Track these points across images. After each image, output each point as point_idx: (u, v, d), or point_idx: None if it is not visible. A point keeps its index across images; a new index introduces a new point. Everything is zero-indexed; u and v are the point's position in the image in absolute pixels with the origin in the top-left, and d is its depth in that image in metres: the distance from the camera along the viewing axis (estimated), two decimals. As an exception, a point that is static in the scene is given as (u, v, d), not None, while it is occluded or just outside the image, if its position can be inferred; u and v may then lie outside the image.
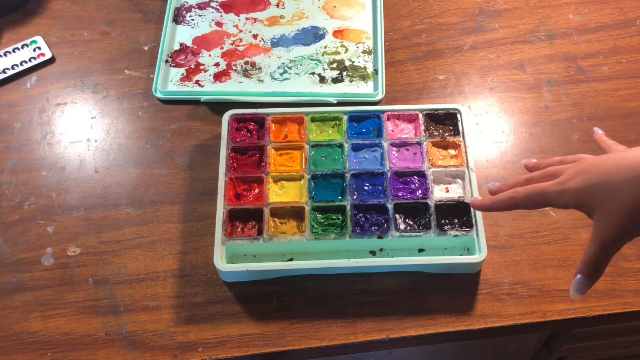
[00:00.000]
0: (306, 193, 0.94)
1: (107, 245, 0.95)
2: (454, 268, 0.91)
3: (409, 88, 1.08)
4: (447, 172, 0.96)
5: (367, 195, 0.94)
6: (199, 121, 1.05)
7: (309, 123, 1.00)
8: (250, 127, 1.00)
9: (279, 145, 0.98)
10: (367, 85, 1.08)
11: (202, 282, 0.92)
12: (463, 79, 1.09)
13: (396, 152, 0.98)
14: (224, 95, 1.06)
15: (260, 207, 0.93)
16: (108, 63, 1.11)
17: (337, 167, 0.96)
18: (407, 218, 0.93)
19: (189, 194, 0.99)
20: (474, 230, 0.91)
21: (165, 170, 1.01)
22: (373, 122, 1.01)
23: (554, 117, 1.05)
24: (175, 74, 1.09)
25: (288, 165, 0.97)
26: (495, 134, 1.04)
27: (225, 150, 0.97)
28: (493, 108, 1.07)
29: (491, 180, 0.99)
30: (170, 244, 0.95)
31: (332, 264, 0.89)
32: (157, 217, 0.97)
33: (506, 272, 0.93)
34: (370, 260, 0.91)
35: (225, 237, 0.90)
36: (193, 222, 0.96)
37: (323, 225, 0.92)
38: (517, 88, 1.09)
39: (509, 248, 0.94)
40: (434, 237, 0.91)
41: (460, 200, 0.93)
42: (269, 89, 1.07)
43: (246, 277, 0.91)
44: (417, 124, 1.00)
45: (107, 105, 1.07)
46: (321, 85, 1.07)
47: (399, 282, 0.92)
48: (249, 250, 0.92)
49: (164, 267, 0.93)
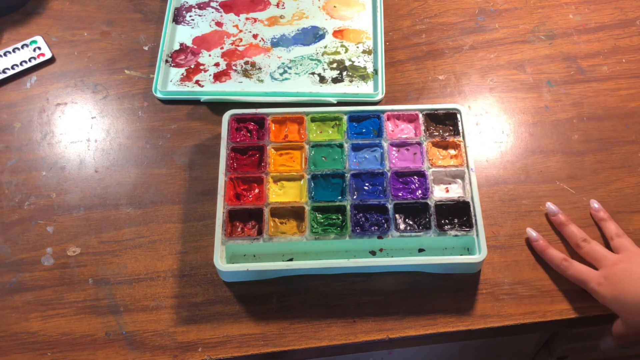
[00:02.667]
0: (306, 193, 0.94)
1: (107, 245, 0.95)
2: (454, 268, 0.91)
3: (409, 88, 1.08)
4: (447, 172, 0.96)
5: (367, 195, 0.94)
6: (198, 121, 1.05)
7: (309, 123, 1.00)
8: (250, 127, 1.00)
9: (279, 145, 0.98)
10: (367, 85, 1.08)
11: (202, 282, 0.92)
12: (463, 78, 1.09)
13: (396, 152, 0.98)
14: (224, 95, 1.06)
15: (260, 207, 0.93)
16: (108, 63, 1.11)
17: (337, 167, 0.96)
18: (407, 218, 0.93)
19: (189, 194, 0.99)
20: (474, 230, 0.91)
21: (165, 170, 1.01)
22: (373, 122, 1.01)
23: (554, 117, 1.05)
24: (175, 74, 1.09)
25: (288, 165, 0.97)
26: (496, 134, 1.04)
27: (225, 150, 0.97)
28: (493, 108, 1.07)
29: (492, 180, 0.99)
30: (170, 244, 0.95)
31: (332, 264, 0.89)
32: (157, 217, 0.97)
33: (506, 272, 0.93)
34: (370, 260, 0.90)
35: (225, 237, 0.90)
36: (193, 222, 0.96)
37: (323, 225, 0.92)
38: (517, 88, 1.09)
39: (509, 248, 0.94)
40: (434, 237, 0.91)
41: (460, 200, 0.93)
42: (269, 89, 1.07)
43: (246, 277, 0.91)
44: (417, 124, 1.00)
45: (107, 105, 1.07)
46: (321, 85, 1.07)
47: (399, 282, 0.92)
48: (248, 250, 0.92)
49: (164, 267, 0.93)
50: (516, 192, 0.99)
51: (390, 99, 1.07)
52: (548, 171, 1.01)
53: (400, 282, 0.92)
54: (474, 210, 0.92)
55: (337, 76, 1.09)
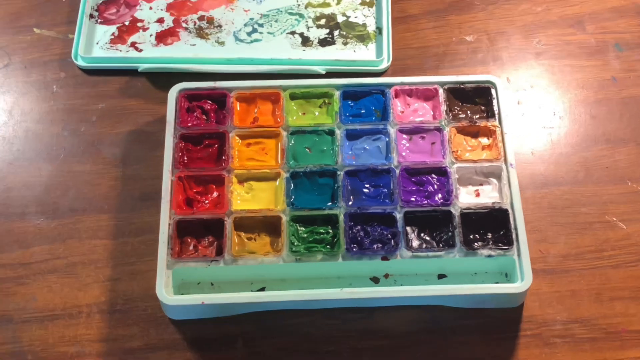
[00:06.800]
0: (283, 198, 0.94)
1: (9, 269, 0.95)
2: (486, 301, 0.91)
3: (425, 53, 1.09)
4: (478, 169, 0.96)
5: (368, 200, 0.94)
6: (135, 99, 1.06)
7: (288, 101, 1.00)
8: (206, 106, 1.00)
9: (246, 132, 0.98)
10: (368, 49, 1.08)
11: (141, 321, 0.92)
12: (499, 40, 1.10)
13: (407, 142, 0.98)
14: (170, 64, 1.06)
15: (220, 217, 0.93)
16: (10, 18, 1.11)
17: (326, 162, 0.96)
18: (422, 232, 0.93)
19: (123, 198, 0.99)
20: (515, 249, 0.91)
21: (89, 166, 1.01)
22: (376, 99, 1.01)
23: (624, 93, 1.06)
24: (103, 34, 1.09)
25: (259, 160, 0.97)
26: (544, 116, 1.05)
27: (172, 139, 0.97)
28: (541, 80, 1.07)
29: (539, 180, 1.00)
30: (96, 267, 0.95)
31: (320, 296, 0.89)
32: (79, 230, 0.97)
33: (559, 306, 0.93)
34: (371, 290, 0.91)
35: (172, 259, 0.90)
36: (128, 237, 0.96)
37: (307, 242, 0.92)
38: (573, 53, 1.09)
39: (562, 273, 0.95)
40: (459, 258, 0.91)
41: (496, 207, 0.93)
42: (232, 55, 1.07)
43: (201, 314, 0.91)
44: (437, 102, 1.00)
45: (9, 76, 1.07)
46: (304, 49, 1.08)
47: (412, 321, 0.92)
48: (204, 277, 0.92)
49: (88, 299, 0.93)
50: (573, 196, 0.99)
51: (399, 69, 1.08)
52: (616, 167, 1.01)
53: (413, 320, 0.92)
54: (515, 222, 0.92)
55: (327, 37, 1.09)
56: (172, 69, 1.06)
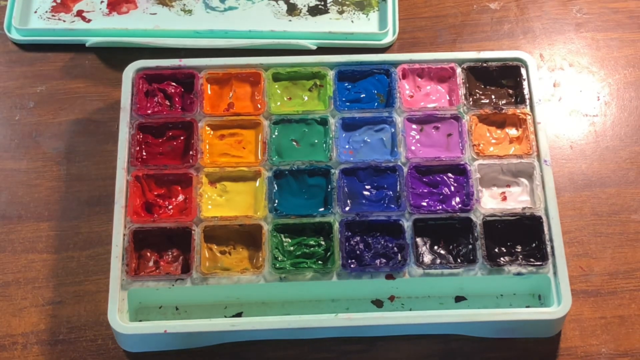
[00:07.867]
0: (265, 202, 0.94)
1: None
2: (515, 329, 0.91)
3: (440, 24, 1.09)
4: (505, 167, 0.96)
5: (369, 205, 0.94)
6: (82, 80, 1.06)
7: (270, 83, 1.00)
8: (170, 90, 1.00)
9: (219, 121, 0.98)
10: (369, 19, 1.09)
11: (89, 354, 0.92)
12: (531, 8, 1.10)
13: (417, 133, 0.98)
14: (125, 37, 1.06)
15: (186, 225, 0.92)
16: None
17: (318, 158, 0.96)
18: (435, 244, 0.93)
19: (67, 203, 0.99)
20: (550, 265, 0.91)
21: (25, 163, 1.01)
22: (378, 81, 1.01)
23: (684, 74, 1.06)
24: (42, 1, 1.09)
25: (234, 155, 0.97)
26: (586, 101, 1.05)
27: (128, 130, 0.97)
28: (582, 58, 1.08)
29: (580, 181, 1.00)
30: (34, 288, 0.94)
31: (309, 323, 0.89)
32: (12, 242, 0.97)
33: (605, 335, 0.93)
34: (374, 315, 0.90)
35: (127, 277, 0.90)
36: (73, 251, 0.96)
37: (293, 257, 0.92)
38: (621, 24, 1.09)
39: (608, 295, 0.94)
40: (481, 277, 0.91)
41: (527, 214, 0.92)
42: (202, 26, 1.07)
43: (164, 345, 0.91)
44: (454, 84, 1.00)
45: None
46: (290, 20, 1.08)
47: (423, 353, 0.92)
48: (168, 299, 0.92)
49: (24, 327, 0.93)
50: (622, 200, 0.99)
51: (407, 43, 1.08)
52: (675, 165, 1.01)
53: (424, 352, 0.92)
54: (550, 232, 0.92)
55: (318, 4, 1.09)
56: (128, 43, 1.06)
